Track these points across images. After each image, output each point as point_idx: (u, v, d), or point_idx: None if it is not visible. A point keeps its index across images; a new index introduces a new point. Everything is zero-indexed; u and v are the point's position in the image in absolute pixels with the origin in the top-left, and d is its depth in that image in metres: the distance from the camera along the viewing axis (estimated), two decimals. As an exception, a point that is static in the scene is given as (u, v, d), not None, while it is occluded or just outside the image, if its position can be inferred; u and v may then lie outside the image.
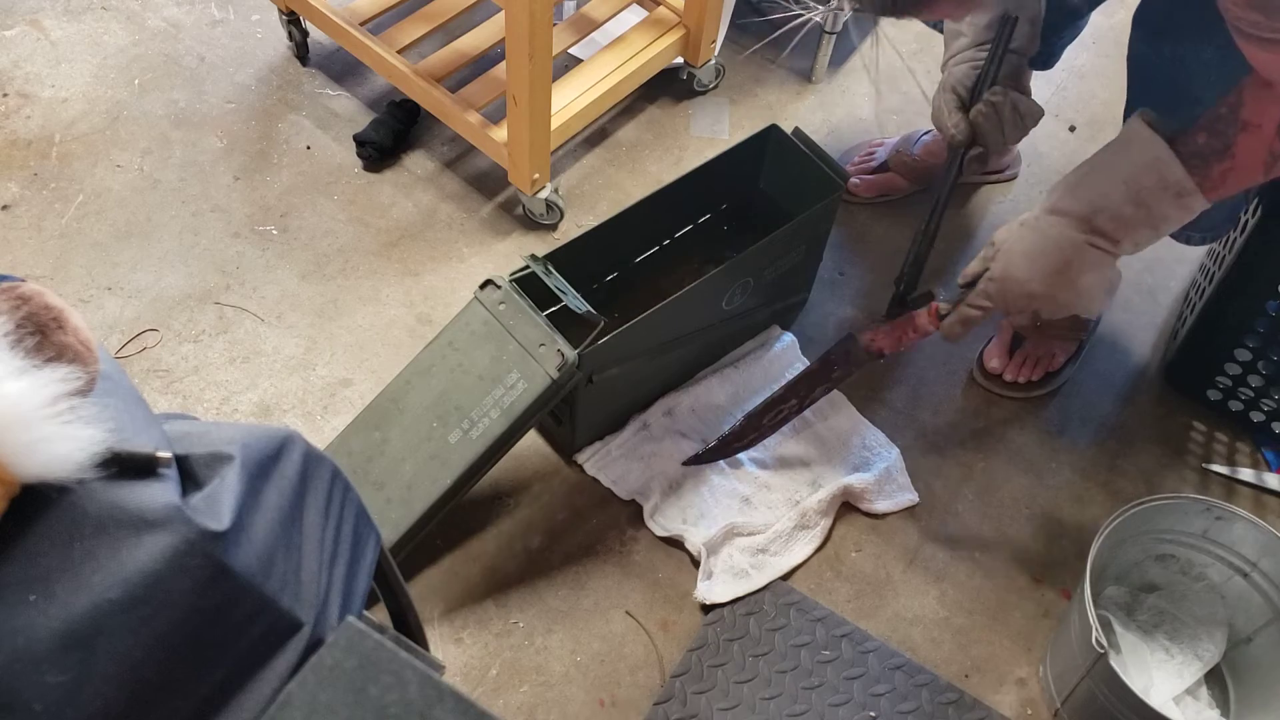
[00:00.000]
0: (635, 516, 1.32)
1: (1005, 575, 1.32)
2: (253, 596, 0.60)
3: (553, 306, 1.21)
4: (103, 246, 1.52)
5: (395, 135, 1.64)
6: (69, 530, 0.55)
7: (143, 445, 0.58)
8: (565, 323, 1.19)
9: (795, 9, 1.77)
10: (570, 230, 1.59)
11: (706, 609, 1.26)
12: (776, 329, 1.48)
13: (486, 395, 1.19)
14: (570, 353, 1.17)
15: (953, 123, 1.25)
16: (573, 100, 1.55)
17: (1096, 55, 1.90)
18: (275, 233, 1.56)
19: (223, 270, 1.51)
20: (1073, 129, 1.79)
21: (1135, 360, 1.53)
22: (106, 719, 0.55)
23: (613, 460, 1.34)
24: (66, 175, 1.59)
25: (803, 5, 1.72)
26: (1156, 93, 1.18)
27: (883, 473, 1.36)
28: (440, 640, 1.22)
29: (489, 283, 1.23)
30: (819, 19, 1.74)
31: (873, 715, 1.19)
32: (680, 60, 1.73)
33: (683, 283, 1.23)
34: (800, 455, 1.38)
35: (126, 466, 0.57)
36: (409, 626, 0.84)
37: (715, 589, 1.25)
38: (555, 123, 1.50)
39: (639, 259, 1.43)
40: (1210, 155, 1.02)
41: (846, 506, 1.35)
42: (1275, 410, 1.40)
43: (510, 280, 1.23)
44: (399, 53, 1.58)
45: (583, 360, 1.18)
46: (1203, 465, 1.43)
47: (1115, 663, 1.07)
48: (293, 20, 1.72)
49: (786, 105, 1.79)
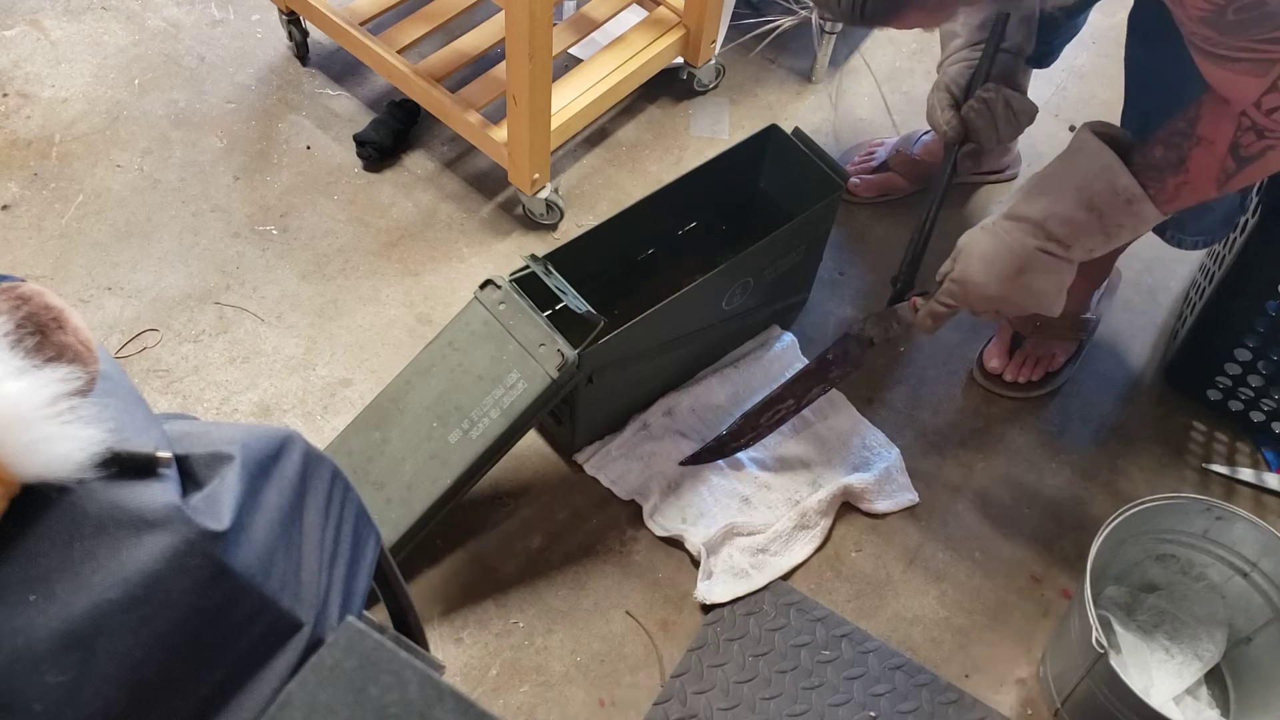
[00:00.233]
0: (635, 516, 1.32)
1: (1005, 575, 1.32)
2: (253, 596, 0.60)
3: (553, 306, 1.21)
4: (103, 246, 1.52)
5: (395, 135, 1.64)
6: (69, 530, 0.55)
7: (143, 445, 0.58)
8: (565, 323, 1.19)
9: (794, 7, 1.77)
10: (570, 230, 1.59)
11: (706, 609, 1.26)
12: (776, 329, 1.48)
13: (486, 395, 1.19)
14: (570, 353, 1.17)
15: (945, 120, 1.26)
16: (573, 100, 1.55)
17: (1096, 55, 1.90)
18: (275, 233, 1.56)
19: (223, 270, 1.51)
20: (1073, 129, 1.79)
21: (1135, 360, 1.53)
22: (106, 719, 0.55)
23: (612, 460, 1.34)
24: (66, 175, 1.59)
25: (798, 4, 1.72)
26: (1151, 95, 1.18)
27: (883, 473, 1.36)
28: (440, 640, 1.22)
29: (489, 283, 1.23)
30: (790, 24, 1.75)
31: (873, 715, 1.20)
32: (680, 60, 1.73)
33: (683, 283, 1.23)
34: (800, 455, 1.38)
35: (126, 466, 0.57)
36: (409, 626, 0.84)
37: (715, 589, 1.25)
38: (555, 123, 1.50)
39: (639, 259, 1.43)
40: (1166, 168, 1.04)
41: (846, 506, 1.35)
42: (1275, 410, 1.40)
43: (510, 280, 1.23)
44: (399, 53, 1.58)
45: (583, 360, 1.18)
46: (1203, 465, 1.43)
47: (1115, 663, 1.07)
48: (293, 20, 1.72)
49: (786, 105, 1.79)
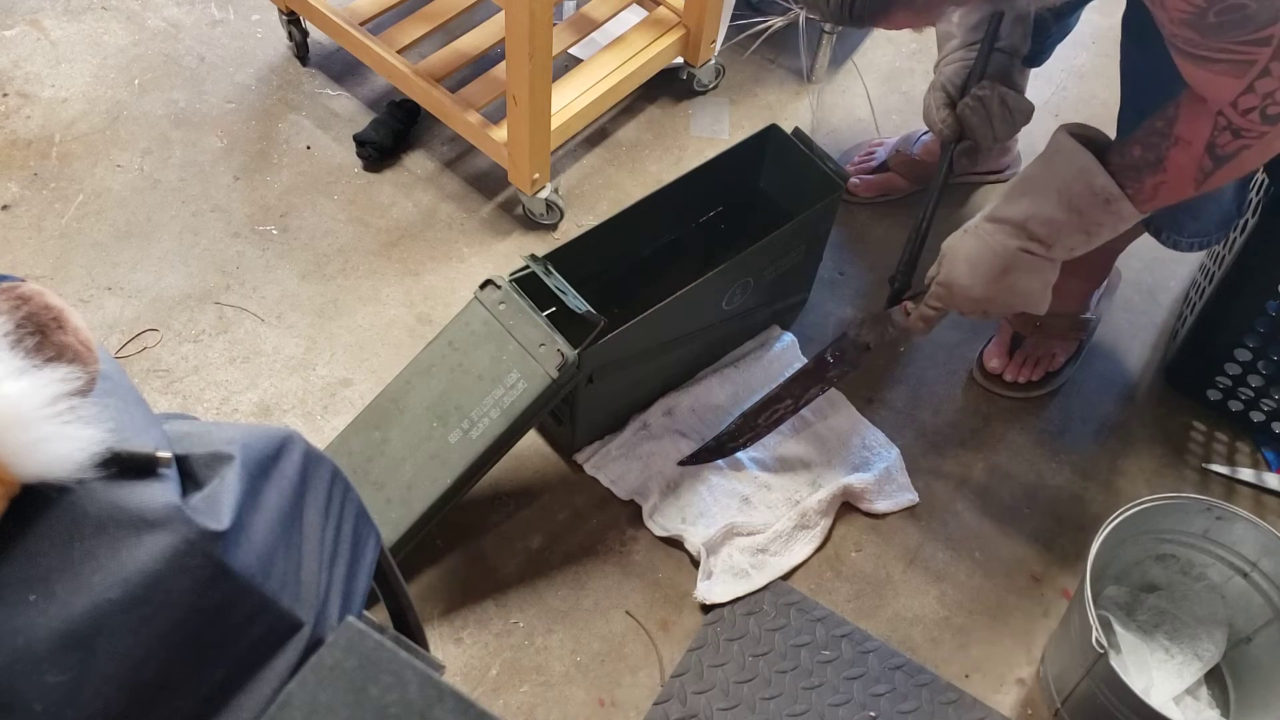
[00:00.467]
0: (635, 516, 1.32)
1: (1005, 575, 1.32)
2: (253, 596, 0.60)
3: (553, 306, 1.21)
4: (103, 246, 1.52)
5: (395, 135, 1.64)
6: (69, 530, 0.55)
7: (143, 445, 0.58)
8: (565, 323, 1.19)
9: (791, 6, 1.77)
10: (570, 230, 1.59)
11: (706, 609, 1.26)
12: (776, 329, 1.48)
13: (486, 395, 1.19)
14: (570, 353, 1.17)
15: (940, 118, 1.27)
16: (573, 100, 1.55)
17: (1096, 55, 1.90)
18: (275, 233, 1.56)
19: (223, 270, 1.51)
20: (1073, 129, 1.79)
21: (1135, 360, 1.53)
22: (106, 719, 0.55)
23: (612, 460, 1.34)
24: (66, 175, 1.59)
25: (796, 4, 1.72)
26: (1147, 95, 1.18)
27: (883, 473, 1.36)
28: (440, 640, 1.22)
29: (489, 283, 1.23)
30: (781, 24, 1.75)
31: (873, 715, 1.19)
32: (680, 60, 1.73)
33: (683, 283, 1.23)
34: (800, 455, 1.38)
35: (126, 466, 0.57)
36: (409, 626, 0.84)
37: (715, 589, 1.25)
38: (555, 123, 1.50)
39: (639, 259, 1.43)
40: (1144, 168, 1.06)
41: (846, 506, 1.35)
42: (1275, 410, 1.40)
43: (510, 280, 1.23)
44: (399, 53, 1.58)
45: (583, 360, 1.18)
46: (1203, 465, 1.43)
47: (1115, 663, 1.07)
48: (293, 20, 1.72)
49: (786, 105, 1.79)
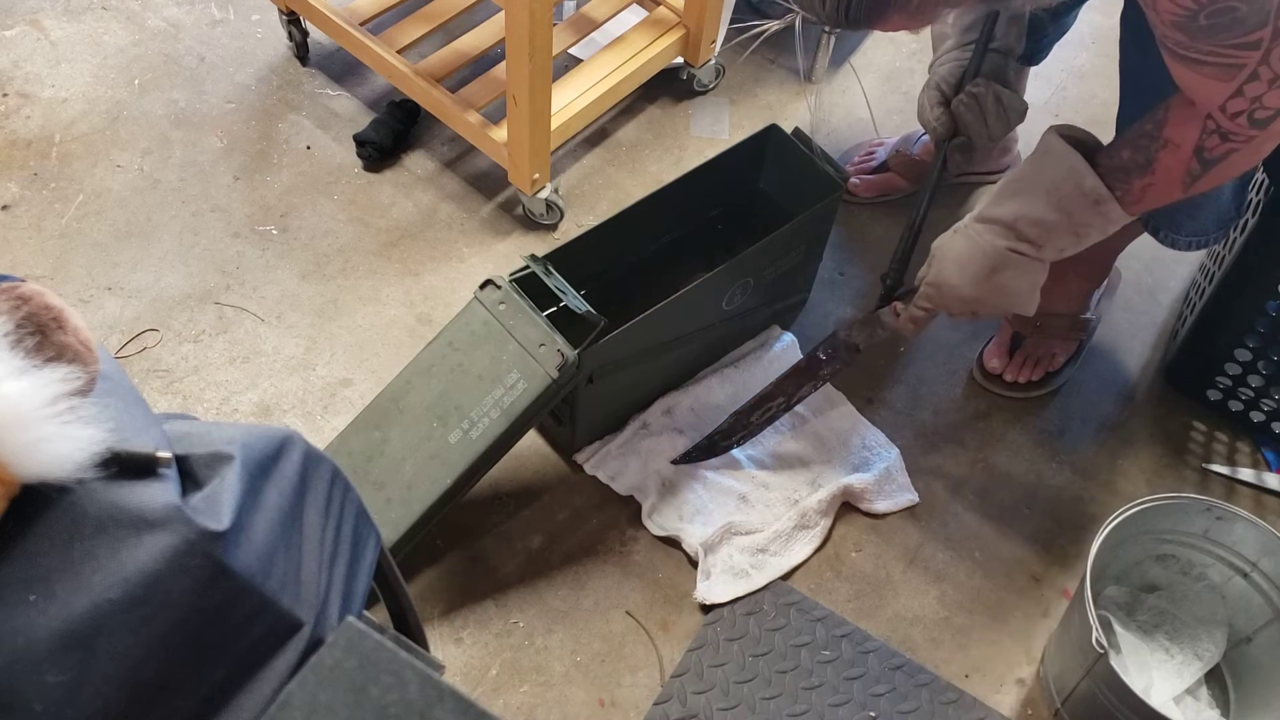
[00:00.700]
0: (635, 517, 1.32)
1: (1005, 575, 1.32)
2: (253, 596, 0.60)
3: (553, 306, 1.21)
4: (103, 246, 1.52)
5: (395, 135, 1.64)
6: (69, 530, 0.55)
7: (143, 445, 0.58)
8: (565, 323, 1.19)
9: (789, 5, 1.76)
10: (570, 230, 1.59)
11: (706, 609, 1.26)
12: (776, 329, 1.48)
13: (486, 395, 1.19)
14: (570, 353, 1.17)
15: (934, 116, 1.27)
16: (573, 100, 1.55)
17: (1096, 55, 1.90)
18: (275, 233, 1.56)
19: (223, 270, 1.51)
20: (1073, 129, 1.79)
21: (1135, 360, 1.53)
22: (106, 719, 0.55)
23: (611, 458, 1.34)
24: (66, 175, 1.59)
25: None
26: (1146, 95, 1.18)
27: (882, 473, 1.36)
28: (440, 640, 1.22)
29: (489, 283, 1.23)
30: (778, 27, 1.75)
31: (873, 715, 1.19)
32: (680, 60, 1.73)
33: (683, 283, 1.23)
34: (799, 454, 1.38)
35: (126, 466, 0.57)
36: (409, 626, 0.84)
37: (715, 589, 1.25)
38: (555, 123, 1.50)
39: (639, 259, 1.43)
40: (1133, 170, 1.07)
41: (846, 506, 1.35)
42: (1275, 410, 1.40)
43: (510, 280, 1.23)
44: (399, 53, 1.58)
45: (583, 360, 1.18)
46: (1203, 465, 1.43)
47: (1115, 663, 1.07)
48: (293, 20, 1.72)
49: (786, 105, 1.79)
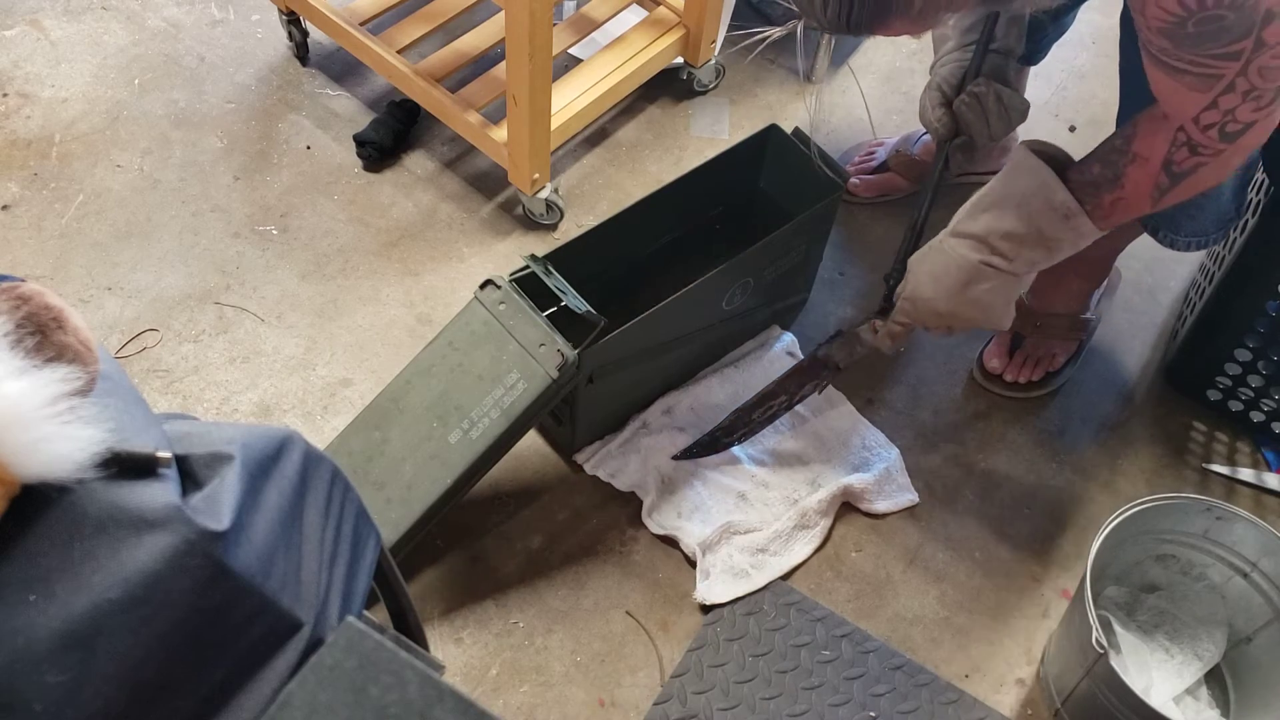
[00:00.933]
0: (635, 517, 1.32)
1: (1005, 575, 1.32)
2: (253, 596, 0.60)
3: (553, 306, 1.21)
4: (103, 246, 1.52)
5: (395, 135, 1.64)
6: (69, 530, 0.55)
7: (143, 445, 0.58)
8: (565, 323, 1.19)
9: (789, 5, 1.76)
10: (570, 230, 1.59)
11: (706, 609, 1.26)
12: (776, 329, 1.48)
13: (486, 395, 1.19)
14: (570, 353, 1.17)
15: (935, 117, 1.27)
16: (573, 100, 1.55)
17: (1096, 55, 1.90)
18: (275, 233, 1.56)
19: (223, 270, 1.51)
20: (1073, 129, 1.79)
21: (1135, 360, 1.53)
22: (106, 719, 0.55)
23: (611, 457, 1.34)
24: (66, 175, 1.59)
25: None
26: (1146, 95, 1.19)
27: (882, 473, 1.36)
28: (440, 640, 1.22)
29: (489, 283, 1.23)
30: (780, 34, 1.75)
31: (873, 715, 1.19)
32: (680, 60, 1.73)
33: (683, 283, 1.23)
34: (798, 453, 1.38)
35: (126, 466, 0.57)
36: (409, 626, 0.84)
37: (715, 589, 1.25)
38: (555, 123, 1.50)
39: (639, 259, 1.43)
40: (1102, 184, 1.08)
41: (846, 506, 1.35)
42: (1275, 410, 1.40)
43: (510, 280, 1.23)
44: (399, 53, 1.58)
45: (583, 360, 1.18)
46: (1203, 465, 1.43)
47: (1115, 663, 1.07)
48: (293, 20, 1.72)
49: (786, 105, 1.79)
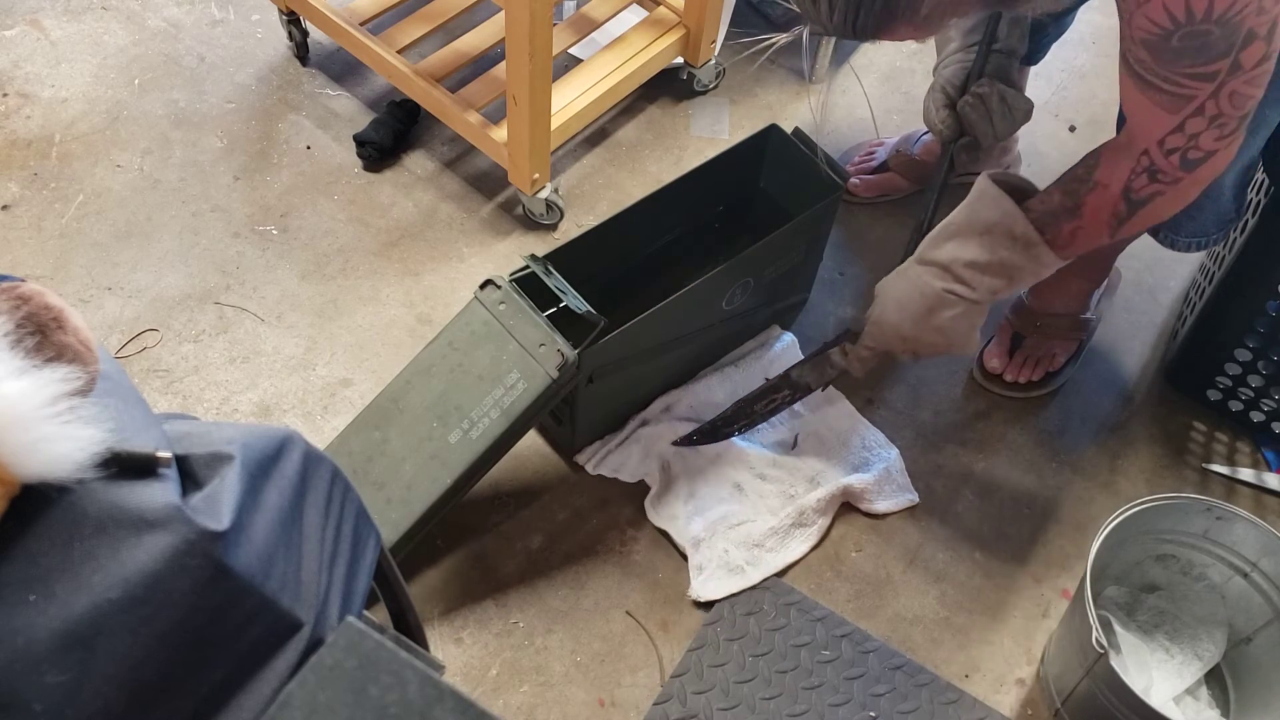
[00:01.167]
0: (635, 517, 1.32)
1: (1005, 575, 1.32)
2: (253, 596, 0.60)
3: (553, 306, 1.21)
4: (103, 246, 1.52)
5: (395, 135, 1.64)
6: (69, 530, 0.55)
7: (143, 445, 0.58)
8: (565, 323, 1.19)
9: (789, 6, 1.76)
10: (570, 230, 1.59)
11: (706, 609, 1.26)
12: (776, 329, 1.48)
13: (486, 395, 1.19)
14: (570, 353, 1.17)
15: (940, 118, 1.27)
16: (573, 100, 1.55)
17: (1096, 55, 1.90)
18: (275, 233, 1.56)
19: (223, 270, 1.51)
20: (1073, 129, 1.79)
21: (1135, 360, 1.53)
22: (106, 719, 0.55)
23: (612, 455, 1.34)
24: (66, 175, 1.59)
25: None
26: None
27: (882, 473, 1.36)
28: (440, 640, 1.22)
29: (489, 283, 1.23)
30: (785, 40, 1.75)
31: (873, 715, 1.19)
32: (680, 60, 1.73)
33: (683, 283, 1.23)
34: (798, 450, 1.38)
35: (126, 466, 0.57)
36: (409, 626, 0.84)
37: (709, 585, 1.25)
38: (555, 123, 1.50)
39: (639, 259, 1.43)
40: (1061, 214, 1.09)
41: (846, 506, 1.35)
42: (1275, 410, 1.40)
43: (510, 280, 1.23)
44: (399, 53, 1.58)
45: (583, 360, 1.18)
46: (1203, 465, 1.43)
47: (1115, 663, 1.07)
48: (293, 20, 1.72)
49: (787, 105, 1.79)
